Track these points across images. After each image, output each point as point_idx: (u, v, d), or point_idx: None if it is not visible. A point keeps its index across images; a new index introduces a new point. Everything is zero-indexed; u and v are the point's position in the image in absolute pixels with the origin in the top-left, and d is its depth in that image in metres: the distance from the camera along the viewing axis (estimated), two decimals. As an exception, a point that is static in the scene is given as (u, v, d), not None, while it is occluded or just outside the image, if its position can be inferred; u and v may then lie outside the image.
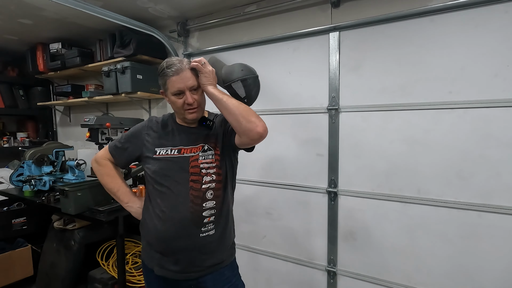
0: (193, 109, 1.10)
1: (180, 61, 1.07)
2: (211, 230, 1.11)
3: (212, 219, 1.10)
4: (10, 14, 2.24)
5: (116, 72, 2.36)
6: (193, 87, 1.08)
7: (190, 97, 1.07)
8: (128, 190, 1.29)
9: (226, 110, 1.03)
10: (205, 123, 1.16)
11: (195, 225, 1.08)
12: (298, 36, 1.87)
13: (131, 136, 1.22)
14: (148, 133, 1.19)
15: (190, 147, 1.12)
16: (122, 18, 1.88)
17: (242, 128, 1.01)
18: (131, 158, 1.23)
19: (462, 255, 1.50)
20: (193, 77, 1.07)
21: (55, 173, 2.53)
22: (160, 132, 1.18)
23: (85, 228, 2.21)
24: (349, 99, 1.75)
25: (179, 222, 1.07)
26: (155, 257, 1.13)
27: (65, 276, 2.18)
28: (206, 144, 1.14)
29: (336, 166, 1.80)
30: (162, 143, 1.15)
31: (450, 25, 1.47)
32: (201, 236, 1.08)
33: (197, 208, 1.08)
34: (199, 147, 1.12)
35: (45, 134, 3.59)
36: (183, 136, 1.15)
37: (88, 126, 1.98)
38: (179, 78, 1.05)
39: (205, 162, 1.11)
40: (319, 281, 1.90)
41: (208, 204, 1.10)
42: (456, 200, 1.50)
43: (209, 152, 1.13)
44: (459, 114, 1.47)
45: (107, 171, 1.26)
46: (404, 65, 1.58)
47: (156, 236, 1.10)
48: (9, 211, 2.39)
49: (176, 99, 1.09)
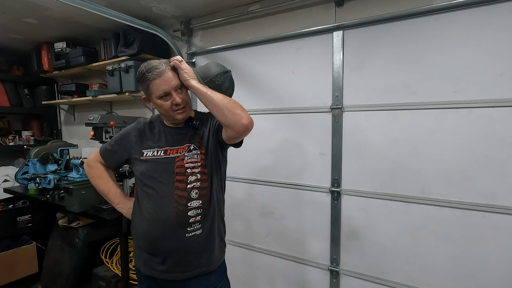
0: (182, 109, 1.10)
1: (159, 63, 1.07)
2: (197, 230, 1.10)
3: (198, 219, 1.10)
4: (15, 14, 2.25)
5: (120, 71, 2.38)
6: (178, 86, 1.08)
7: (177, 97, 1.07)
8: (119, 191, 1.30)
9: (211, 103, 1.03)
10: (191, 123, 1.17)
11: (180, 226, 1.08)
12: (302, 35, 1.87)
13: (120, 139, 1.23)
14: (136, 135, 1.20)
15: (176, 148, 1.13)
16: (126, 17, 1.89)
17: (228, 121, 1.00)
18: (120, 160, 1.24)
19: (466, 255, 1.49)
20: (175, 76, 1.07)
21: (59, 171, 2.55)
22: (147, 133, 1.19)
23: (89, 226, 2.23)
24: (352, 98, 1.74)
25: (164, 223, 1.07)
26: (143, 257, 1.14)
27: (69, 273, 2.20)
28: (191, 144, 1.14)
29: (339, 165, 1.80)
30: (149, 144, 1.16)
31: (455, 24, 1.46)
32: (187, 236, 1.08)
33: (182, 208, 1.08)
34: (185, 147, 1.13)
35: (50, 132, 3.62)
36: (169, 137, 1.16)
37: (93, 125, 2.00)
38: (162, 80, 1.05)
39: (190, 162, 1.11)
40: (321, 280, 1.90)
41: (193, 204, 1.09)
42: (460, 200, 1.49)
43: (194, 151, 1.13)
44: (463, 113, 1.46)
45: (98, 173, 1.28)
46: (408, 64, 1.58)
47: (143, 237, 1.12)
48: (14, 209, 2.42)
49: (163, 102, 1.08)
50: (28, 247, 2.37)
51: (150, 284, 1.18)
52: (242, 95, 2.11)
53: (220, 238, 1.20)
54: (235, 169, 2.16)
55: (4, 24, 2.45)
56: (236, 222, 2.22)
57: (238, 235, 2.22)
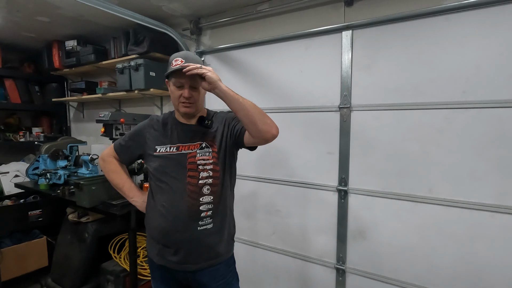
0: (188, 103, 1.14)
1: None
2: (208, 224, 1.14)
3: (209, 214, 1.14)
4: (29, 12, 2.30)
5: (130, 69, 2.41)
6: (194, 85, 1.13)
7: (188, 92, 1.12)
8: (133, 185, 1.35)
9: (243, 111, 1.04)
10: (203, 122, 1.21)
11: (192, 219, 1.12)
12: (311, 35, 1.88)
13: (134, 135, 1.28)
14: (150, 132, 1.23)
15: (188, 144, 1.17)
16: (137, 15, 1.92)
17: (258, 129, 1.03)
18: (133, 156, 1.29)
19: (473, 255, 1.49)
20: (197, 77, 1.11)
21: (69, 167, 2.60)
22: (160, 130, 1.22)
23: (98, 221, 2.27)
24: (361, 98, 1.75)
25: (177, 216, 1.12)
26: (156, 248, 1.19)
27: (78, 267, 2.24)
28: (204, 142, 1.17)
29: (347, 164, 1.81)
30: (162, 141, 1.20)
31: (465, 24, 1.46)
32: (199, 229, 1.13)
33: (194, 203, 1.12)
34: (197, 145, 1.16)
35: (59, 129, 3.67)
36: (182, 134, 1.19)
37: (103, 122, 2.03)
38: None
39: (202, 159, 1.15)
40: (327, 278, 1.91)
41: (205, 199, 1.13)
42: (468, 200, 1.49)
43: (206, 149, 1.16)
44: (472, 114, 1.46)
45: (113, 168, 1.33)
46: (417, 64, 1.58)
47: (158, 229, 1.16)
48: (26, 204, 2.47)
49: (175, 90, 1.15)
50: (38, 241, 2.42)
51: (163, 273, 1.22)
52: (250, 94, 2.13)
53: (229, 234, 1.24)
54: (242, 167, 2.16)
55: (18, 22, 2.50)
56: (242, 219, 2.24)
57: (244, 232, 2.24)
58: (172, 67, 1.11)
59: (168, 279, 1.23)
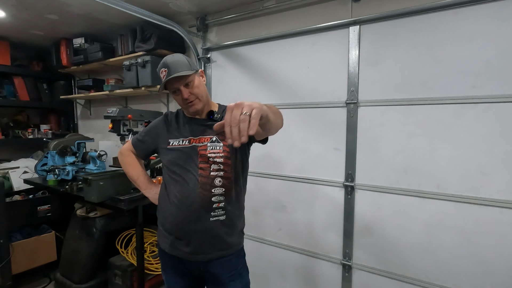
0: (191, 102, 1.16)
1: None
2: (221, 215, 1.16)
3: (221, 205, 1.16)
4: (38, 10, 2.33)
5: (137, 66, 2.43)
6: (186, 84, 1.14)
7: (185, 93, 1.14)
8: (147, 178, 1.42)
9: (272, 128, 1.02)
10: (212, 116, 1.22)
11: (204, 209, 1.13)
12: (317, 30, 1.87)
13: (149, 131, 1.34)
14: (163, 126, 1.28)
15: (199, 137, 1.19)
16: (144, 12, 1.93)
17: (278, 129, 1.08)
18: (149, 150, 1.35)
19: (482, 252, 1.48)
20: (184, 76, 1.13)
21: (77, 163, 2.63)
22: (173, 125, 1.27)
23: (106, 216, 2.30)
24: (368, 93, 1.74)
25: (190, 206, 1.13)
26: (169, 239, 1.21)
27: (86, 262, 2.27)
28: (215, 136, 1.19)
29: (354, 160, 1.80)
30: (174, 134, 1.24)
31: (475, 18, 1.45)
32: (211, 220, 1.14)
33: (206, 194, 1.13)
34: (208, 138, 1.18)
35: (67, 126, 3.72)
36: (193, 128, 1.22)
37: (111, 118, 2.05)
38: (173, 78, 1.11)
39: (213, 152, 1.16)
40: (333, 274, 1.91)
41: (217, 191, 1.15)
42: (477, 196, 1.48)
43: (217, 143, 1.17)
44: (482, 109, 1.45)
45: (130, 161, 1.41)
46: (426, 59, 1.57)
47: (171, 220, 1.18)
48: (35, 199, 2.50)
49: (175, 96, 1.18)
50: (47, 235, 2.45)
51: (175, 264, 1.24)
52: (256, 90, 2.14)
53: (239, 226, 1.26)
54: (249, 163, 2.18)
55: (27, 20, 2.53)
56: (248, 215, 2.23)
57: (250, 228, 2.24)
58: (162, 79, 1.14)
59: (180, 270, 1.25)
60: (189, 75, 1.13)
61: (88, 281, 2.29)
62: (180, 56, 1.18)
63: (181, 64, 1.13)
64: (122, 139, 2.13)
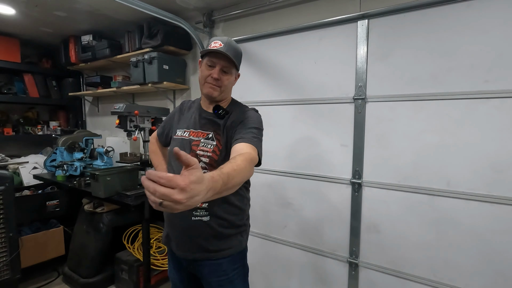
0: (213, 85, 1.11)
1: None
2: (204, 216, 1.10)
3: (204, 206, 1.10)
4: (47, 7, 2.35)
5: (144, 62, 2.44)
6: (225, 68, 1.10)
7: (217, 73, 1.09)
8: (165, 167, 1.39)
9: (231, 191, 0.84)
10: (217, 111, 1.15)
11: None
12: (325, 25, 1.84)
13: (168, 119, 1.35)
14: (178, 115, 1.28)
15: (198, 131, 1.16)
16: (151, 8, 1.94)
17: None
18: (168, 138, 1.34)
19: (494, 251, 1.44)
20: (230, 62, 1.10)
21: (85, 159, 2.66)
22: (185, 114, 1.25)
23: (113, 211, 2.32)
24: (376, 89, 1.71)
25: None
26: (165, 231, 1.23)
27: (94, 256, 2.30)
28: (212, 132, 1.13)
29: (361, 157, 1.77)
30: (182, 124, 1.23)
31: (488, 10, 1.40)
32: (193, 219, 1.10)
33: None
34: (205, 134, 1.14)
35: (75, 123, 3.77)
36: (197, 119, 1.19)
37: (118, 113, 2.06)
38: (221, 55, 1.08)
39: (202, 150, 1.11)
40: (340, 272, 1.89)
41: None
42: (489, 194, 1.44)
43: (210, 141, 1.12)
44: (495, 104, 1.41)
45: (153, 149, 1.43)
46: (437, 53, 1.53)
47: (165, 213, 1.19)
48: (44, 194, 2.54)
49: (205, 69, 1.12)
50: (56, 230, 2.49)
51: (173, 258, 1.25)
52: (263, 86, 2.13)
53: (232, 231, 1.17)
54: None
55: (36, 17, 2.56)
56: (254, 212, 2.23)
57: (255, 225, 2.23)
58: (209, 48, 1.09)
59: (177, 265, 1.25)
60: (234, 66, 1.12)
61: (95, 275, 2.33)
62: (240, 49, 1.17)
63: (236, 54, 1.12)
64: (128, 135, 2.14)
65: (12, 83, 3.28)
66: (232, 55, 1.08)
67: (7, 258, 2.00)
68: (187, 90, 2.70)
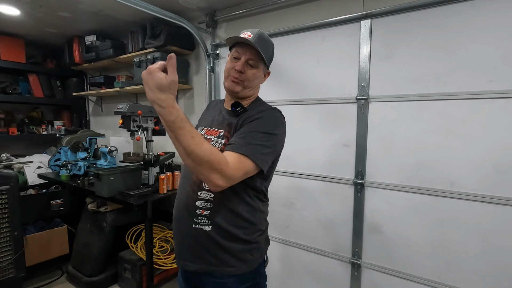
0: (236, 79, 1.02)
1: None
2: (205, 225, 0.97)
3: (206, 213, 0.97)
4: (51, 7, 2.37)
5: (147, 62, 2.45)
6: (251, 61, 1.01)
7: (240, 65, 1.00)
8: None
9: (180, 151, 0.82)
10: (234, 108, 1.05)
11: (187, 213, 1.00)
12: (328, 25, 1.84)
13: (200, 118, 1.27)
14: (203, 113, 1.25)
15: (212, 129, 1.08)
16: (154, 8, 1.94)
17: (185, 160, 0.83)
18: None
19: (498, 252, 1.43)
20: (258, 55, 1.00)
21: (89, 159, 2.68)
22: (210, 112, 1.19)
23: (116, 211, 2.33)
24: (379, 88, 1.70)
25: (180, 204, 1.04)
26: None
27: (97, 255, 2.31)
28: (223, 130, 1.04)
29: (364, 157, 1.77)
30: (202, 122, 1.18)
31: (493, 10, 1.39)
32: (193, 226, 0.98)
33: (192, 195, 1.00)
34: (217, 132, 1.05)
35: (79, 123, 3.79)
36: (214, 117, 1.12)
37: (121, 113, 2.07)
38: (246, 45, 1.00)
39: None
40: (342, 272, 1.89)
41: (204, 195, 0.98)
42: (493, 195, 1.43)
43: (220, 140, 1.02)
44: (500, 104, 1.39)
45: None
46: (440, 52, 1.52)
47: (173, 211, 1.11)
48: (48, 193, 2.56)
49: (230, 61, 1.04)
50: (60, 229, 2.51)
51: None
52: (265, 87, 2.11)
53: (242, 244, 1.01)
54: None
55: (41, 18, 2.58)
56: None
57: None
58: (238, 36, 1.01)
59: (184, 274, 1.12)
60: (260, 59, 1.01)
61: (99, 274, 2.34)
62: (272, 44, 1.09)
63: (266, 48, 1.02)
64: (132, 135, 2.15)
65: (17, 83, 3.31)
66: (262, 49, 0.98)
67: (12, 256, 2.02)
68: (190, 90, 2.70)
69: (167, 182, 2.22)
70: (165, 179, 2.19)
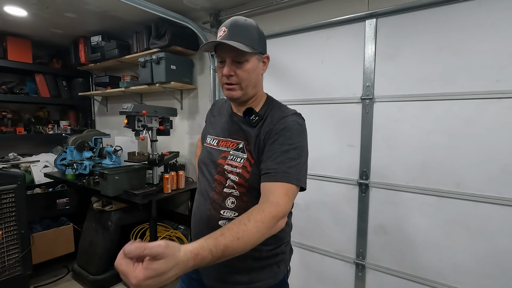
0: (229, 85, 0.89)
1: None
2: None
3: None
4: (57, 8, 2.39)
5: (152, 62, 2.46)
6: (237, 58, 0.86)
7: (227, 69, 0.87)
8: None
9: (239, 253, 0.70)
10: (248, 116, 0.93)
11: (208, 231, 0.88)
12: (332, 24, 1.83)
13: (205, 121, 1.18)
14: (209, 117, 1.14)
15: (227, 140, 0.96)
16: (159, 8, 1.95)
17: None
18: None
19: (505, 253, 1.41)
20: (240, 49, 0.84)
21: (94, 158, 2.70)
22: (216, 117, 1.08)
23: (121, 210, 2.35)
24: (384, 88, 1.69)
25: (199, 221, 0.97)
26: None
27: (102, 254, 2.33)
28: (242, 141, 0.93)
29: (369, 157, 1.76)
30: (212, 129, 1.06)
31: (500, 9, 1.37)
32: None
33: (214, 214, 0.92)
34: (235, 144, 0.94)
35: (85, 122, 3.82)
36: (226, 125, 1.00)
37: (126, 113, 2.08)
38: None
39: (230, 164, 0.91)
40: (347, 273, 1.88)
41: (227, 214, 0.90)
42: (499, 196, 1.41)
43: (240, 153, 0.91)
44: (507, 104, 1.38)
45: (197, 152, 1.27)
46: (446, 52, 1.50)
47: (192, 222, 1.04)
48: (54, 192, 2.59)
49: (218, 68, 0.91)
50: (65, 227, 2.53)
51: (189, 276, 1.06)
52: (269, 86, 2.12)
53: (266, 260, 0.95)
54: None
55: (47, 18, 2.61)
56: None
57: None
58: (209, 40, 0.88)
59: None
60: (245, 52, 0.85)
61: (104, 272, 2.36)
62: (252, 25, 0.89)
63: (246, 34, 0.86)
64: (136, 135, 2.16)
65: (24, 83, 3.35)
66: (240, 38, 0.84)
67: (19, 254, 2.05)
68: (194, 90, 2.71)
69: (172, 182, 2.23)
70: (169, 179, 2.20)
